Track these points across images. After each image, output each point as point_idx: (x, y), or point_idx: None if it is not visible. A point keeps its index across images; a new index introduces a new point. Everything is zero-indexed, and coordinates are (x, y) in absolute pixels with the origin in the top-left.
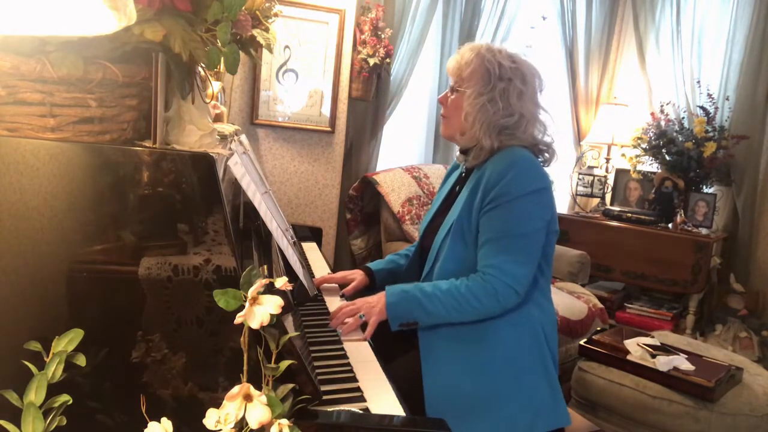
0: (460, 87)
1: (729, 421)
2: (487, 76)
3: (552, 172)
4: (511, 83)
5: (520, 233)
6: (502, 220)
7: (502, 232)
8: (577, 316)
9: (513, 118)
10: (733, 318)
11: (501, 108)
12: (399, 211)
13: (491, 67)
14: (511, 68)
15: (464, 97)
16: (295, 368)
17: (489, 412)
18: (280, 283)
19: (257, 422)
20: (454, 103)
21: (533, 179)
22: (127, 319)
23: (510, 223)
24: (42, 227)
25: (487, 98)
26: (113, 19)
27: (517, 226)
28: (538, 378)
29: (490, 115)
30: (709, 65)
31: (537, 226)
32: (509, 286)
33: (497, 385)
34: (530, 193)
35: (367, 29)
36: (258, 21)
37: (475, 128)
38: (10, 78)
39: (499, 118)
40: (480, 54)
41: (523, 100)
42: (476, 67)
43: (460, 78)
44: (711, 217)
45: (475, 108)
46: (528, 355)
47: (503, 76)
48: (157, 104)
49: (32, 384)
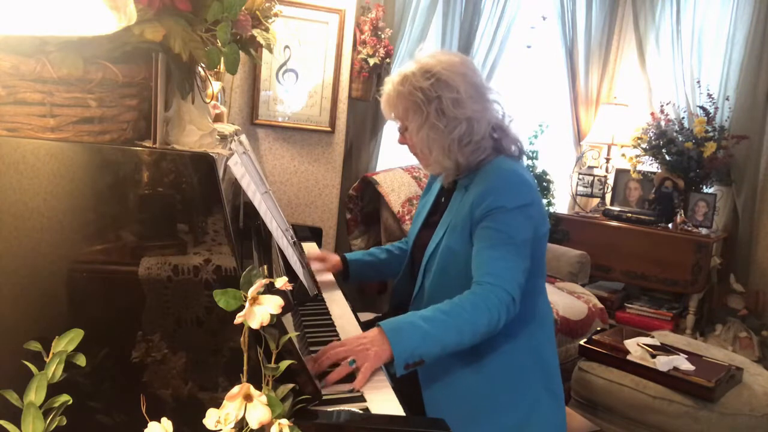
0: (406, 126)
1: (729, 421)
2: (417, 108)
3: (552, 172)
4: (440, 99)
5: (513, 242)
6: (496, 230)
7: (496, 241)
8: (577, 316)
9: (462, 126)
10: (733, 318)
11: (445, 125)
12: (399, 211)
13: (414, 97)
14: (431, 85)
15: (412, 134)
16: (295, 368)
17: (485, 418)
18: (280, 283)
19: (257, 422)
20: (412, 141)
21: (521, 194)
22: (127, 319)
23: (503, 232)
24: (42, 227)
25: (428, 126)
26: (113, 19)
27: (510, 236)
28: (537, 381)
29: (439, 137)
30: (709, 65)
31: (526, 237)
32: (509, 294)
33: (496, 391)
34: (520, 207)
35: (367, 29)
36: (258, 21)
37: (435, 154)
38: (10, 78)
39: (449, 134)
40: (398, 90)
41: (461, 105)
42: (405, 104)
43: (399, 118)
44: (711, 217)
45: (424, 139)
46: (525, 366)
47: (430, 97)
48: (157, 104)
49: (32, 384)
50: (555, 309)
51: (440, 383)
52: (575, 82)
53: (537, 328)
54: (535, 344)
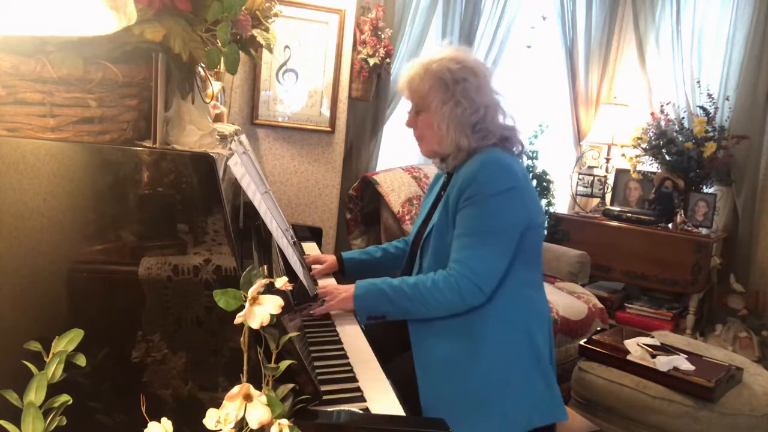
0: (423, 106)
1: (729, 421)
2: (444, 85)
3: (552, 172)
4: (467, 82)
5: (487, 230)
6: (471, 218)
7: (469, 229)
8: (577, 316)
9: (479, 113)
10: (733, 318)
11: (467, 107)
12: (399, 211)
13: (443, 75)
14: (460, 69)
15: (432, 112)
16: (295, 368)
17: (483, 408)
18: (280, 283)
19: (257, 422)
20: (424, 122)
21: (503, 179)
22: (127, 319)
23: (478, 220)
24: (42, 227)
25: (453, 103)
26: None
27: (485, 224)
28: (531, 373)
29: (459, 116)
30: (709, 65)
31: (506, 224)
32: (472, 282)
33: (489, 381)
34: (500, 192)
35: (367, 29)
36: (258, 21)
37: (450, 134)
38: (10, 78)
39: (468, 116)
40: (428, 69)
41: (481, 93)
42: (431, 82)
43: (420, 98)
44: (711, 217)
45: (446, 116)
46: (518, 349)
47: (457, 79)
48: (157, 104)
49: (32, 384)
50: (555, 309)
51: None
52: (575, 82)
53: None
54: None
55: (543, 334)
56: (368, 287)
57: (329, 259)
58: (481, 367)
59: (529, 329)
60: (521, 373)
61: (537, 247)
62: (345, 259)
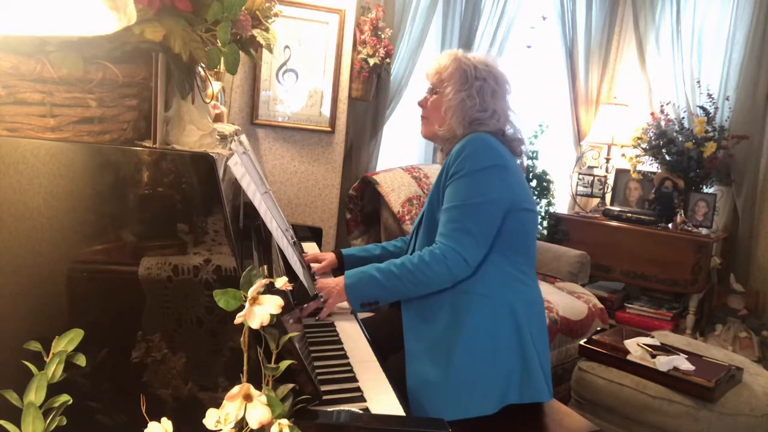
0: (439, 88)
1: (729, 421)
2: (464, 76)
3: (552, 172)
4: (486, 82)
5: (472, 203)
6: (456, 192)
7: (454, 203)
8: (577, 316)
9: (486, 113)
10: (733, 318)
11: (477, 103)
12: (399, 211)
13: (467, 68)
14: (485, 70)
15: (444, 96)
16: (295, 368)
17: (463, 385)
18: (280, 283)
19: (257, 422)
20: (434, 103)
21: (487, 156)
22: (127, 319)
23: (462, 194)
24: (42, 227)
25: (466, 94)
26: (113, 19)
27: (470, 197)
28: (510, 350)
29: (466, 108)
30: (709, 65)
31: (489, 198)
32: (457, 253)
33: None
34: (483, 168)
35: (367, 29)
36: (258, 21)
37: (451, 120)
38: (10, 78)
39: (474, 111)
40: (457, 58)
41: (496, 98)
42: (454, 69)
43: (439, 80)
44: (711, 217)
45: (454, 102)
46: (500, 326)
47: (479, 76)
48: (157, 104)
49: (32, 384)
50: (555, 309)
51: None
52: (575, 82)
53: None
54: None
55: (529, 317)
56: (357, 275)
57: (328, 256)
58: (465, 342)
59: (513, 308)
60: (500, 349)
61: (526, 233)
62: (345, 256)
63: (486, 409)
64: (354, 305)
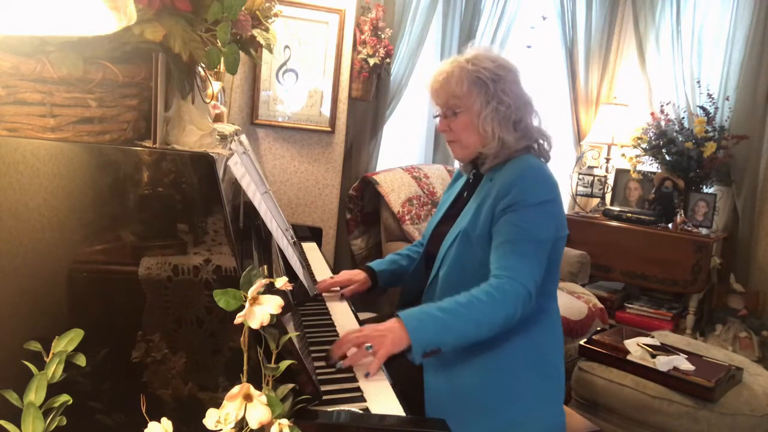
0: (461, 107)
1: (729, 421)
2: (483, 85)
3: (552, 172)
4: (505, 78)
5: (530, 239)
6: (514, 225)
7: (513, 236)
8: (577, 316)
9: (521, 109)
10: (733, 318)
11: (510, 104)
12: (399, 211)
13: (481, 74)
14: (496, 66)
15: (472, 113)
16: (295, 368)
17: (487, 414)
18: (280, 283)
19: (257, 422)
20: (462, 124)
21: (544, 189)
22: (127, 319)
23: (521, 228)
24: (42, 227)
25: (496, 102)
26: (113, 19)
27: (528, 233)
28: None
29: (502, 114)
30: (709, 65)
31: (546, 235)
32: (525, 289)
33: (498, 386)
34: (541, 202)
35: (367, 29)
36: (258, 21)
37: (497, 133)
38: (10, 78)
39: (512, 112)
40: (463, 68)
41: (520, 87)
42: (471, 82)
43: (455, 98)
44: (711, 217)
45: (490, 116)
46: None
47: (495, 78)
48: (157, 104)
49: (32, 384)
50: None
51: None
52: (575, 82)
53: (542, 331)
54: (537, 345)
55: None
56: (419, 317)
57: (361, 277)
58: (491, 373)
59: (539, 342)
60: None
61: (559, 259)
62: (378, 272)
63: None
64: (416, 354)
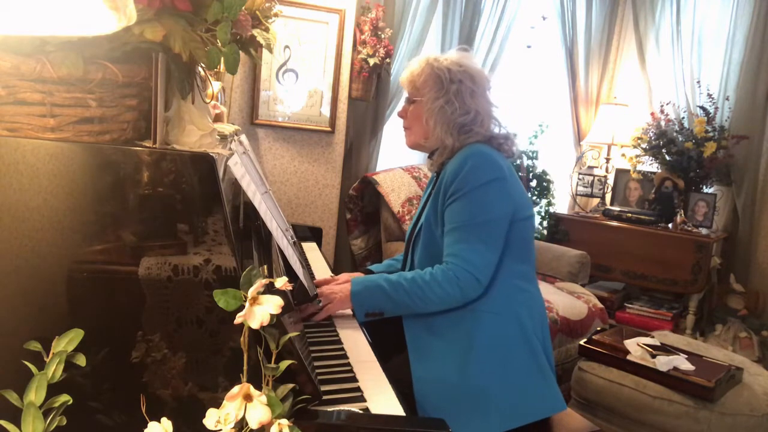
0: (416, 97)
1: (729, 421)
2: (439, 82)
3: (552, 172)
4: (462, 84)
5: (478, 222)
6: (460, 212)
7: (460, 223)
8: (577, 316)
9: (470, 116)
10: (733, 318)
11: (457, 107)
12: (399, 211)
13: (441, 73)
14: (459, 71)
15: (422, 104)
16: (295, 368)
17: (479, 403)
18: (280, 283)
19: (257, 422)
20: (414, 113)
21: (486, 171)
22: (127, 319)
23: (467, 213)
24: (42, 227)
25: (444, 100)
26: (113, 19)
27: (475, 216)
28: (527, 367)
29: (448, 115)
30: (709, 65)
31: (494, 216)
32: (470, 273)
33: (485, 375)
34: (485, 183)
35: (367, 29)
36: (258, 21)
37: (436, 130)
38: (10, 78)
39: (457, 117)
40: (429, 63)
41: (475, 98)
42: (428, 76)
43: (414, 89)
44: (711, 217)
45: (434, 111)
46: (512, 342)
47: (453, 79)
48: (157, 104)
49: (32, 384)
50: (555, 309)
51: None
52: (575, 82)
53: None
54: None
55: (534, 325)
56: (365, 283)
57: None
58: (476, 362)
59: (521, 321)
60: (517, 368)
61: (526, 240)
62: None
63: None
64: (358, 314)
